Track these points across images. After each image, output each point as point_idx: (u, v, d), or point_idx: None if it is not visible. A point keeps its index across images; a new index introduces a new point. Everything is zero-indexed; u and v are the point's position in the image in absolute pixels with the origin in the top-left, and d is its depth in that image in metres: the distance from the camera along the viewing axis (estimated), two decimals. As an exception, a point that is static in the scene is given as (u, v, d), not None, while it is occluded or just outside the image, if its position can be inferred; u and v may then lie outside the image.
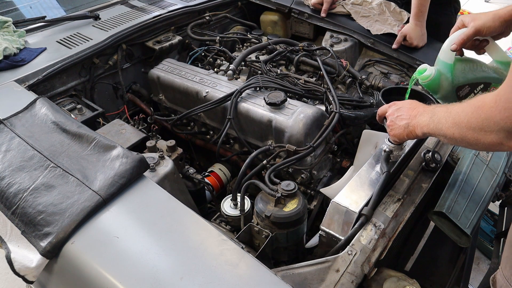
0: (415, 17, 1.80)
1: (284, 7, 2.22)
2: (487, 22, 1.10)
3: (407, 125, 1.06)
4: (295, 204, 1.15)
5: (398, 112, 1.10)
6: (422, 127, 1.00)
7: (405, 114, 1.08)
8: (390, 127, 1.13)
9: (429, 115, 0.98)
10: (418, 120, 1.02)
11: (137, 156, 1.11)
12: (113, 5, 2.16)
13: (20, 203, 1.02)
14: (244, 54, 1.81)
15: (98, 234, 0.96)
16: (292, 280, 0.93)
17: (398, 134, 1.10)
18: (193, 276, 0.86)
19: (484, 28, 1.10)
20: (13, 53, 1.63)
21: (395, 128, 1.10)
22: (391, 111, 1.14)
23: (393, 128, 1.12)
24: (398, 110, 1.11)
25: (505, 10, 1.09)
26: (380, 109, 1.20)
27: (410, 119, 1.05)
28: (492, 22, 1.09)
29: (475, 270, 2.18)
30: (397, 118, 1.10)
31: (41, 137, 1.20)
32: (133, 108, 1.95)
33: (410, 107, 1.08)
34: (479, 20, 1.11)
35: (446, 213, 1.14)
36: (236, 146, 1.72)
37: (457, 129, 0.86)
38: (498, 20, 1.09)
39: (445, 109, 0.92)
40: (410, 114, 1.06)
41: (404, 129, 1.07)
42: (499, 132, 0.76)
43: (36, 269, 0.94)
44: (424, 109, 1.03)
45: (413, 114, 1.05)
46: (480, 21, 1.10)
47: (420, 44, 1.85)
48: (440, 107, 0.97)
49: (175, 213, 1.02)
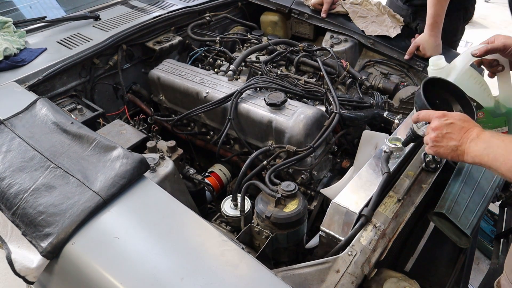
0: (430, 27, 1.75)
1: (284, 8, 2.22)
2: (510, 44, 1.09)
3: (456, 148, 0.94)
4: (295, 205, 1.15)
5: (448, 128, 0.96)
6: (474, 157, 0.91)
7: (456, 134, 0.95)
8: (434, 142, 0.98)
9: (483, 145, 0.89)
10: (470, 147, 0.91)
11: (137, 157, 1.11)
12: (114, 6, 2.17)
13: (21, 203, 1.03)
14: (244, 55, 1.81)
15: (98, 234, 0.96)
16: (292, 280, 0.93)
17: (443, 153, 0.97)
18: (193, 277, 0.87)
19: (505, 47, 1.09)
20: (14, 54, 1.63)
21: (442, 147, 0.97)
22: (439, 124, 0.97)
23: (438, 145, 0.97)
24: (449, 126, 0.96)
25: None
26: (424, 113, 1.04)
27: (461, 142, 0.93)
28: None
29: (475, 270, 2.19)
30: (446, 136, 0.96)
31: (42, 137, 1.20)
32: (133, 109, 1.95)
33: (462, 126, 0.95)
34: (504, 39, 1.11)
35: (446, 213, 1.15)
36: (236, 146, 1.72)
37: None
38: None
39: (502, 146, 0.85)
40: (462, 136, 0.94)
41: (451, 151, 0.95)
42: None
43: (36, 269, 0.95)
44: (477, 133, 0.92)
45: (465, 137, 0.93)
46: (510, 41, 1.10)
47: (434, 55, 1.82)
48: (495, 139, 0.88)
49: (175, 214, 1.02)
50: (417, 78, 1.87)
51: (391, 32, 1.93)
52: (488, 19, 2.45)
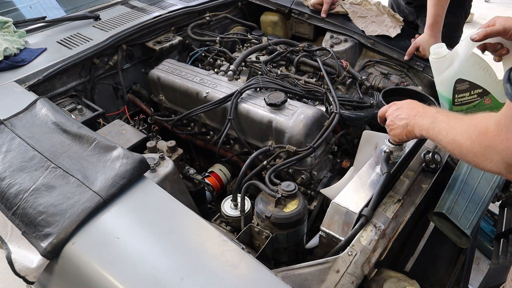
0: (430, 27, 1.74)
1: (284, 8, 2.22)
2: None
3: (406, 124, 1.06)
4: (295, 205, 1.15)
5: (398, 112, 1.10)
6: (421, 130, 0.99)
7: (404, 114, 1.07)
8: (389, 126, 1.13)
9: (430, 120, 0.97)
10: (417, 121, 1.01)
11: (137, 157, 1.11)
12: (114, 6, 2.17)
13: (21, 203, 1.03)
14: (244, 55, 1.81)
15: (98, 234, 0.96)
16: (292, 280, 0.93)
17: (398, 134, 1.10)
18: (193, 277, 0.87)
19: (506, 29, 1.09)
20: (14, 54, 1.63)
21: (395, 128, 1.10)
22: (390, 111, 1.13)
23: (392, 127, 1.12)
24: (398, 110, 1.10)
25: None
26: (381, 110, 1.19)
27: (409, 119, 1.05)
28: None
29: (475, 270, 2.19)
30: (397, 118, 1.09)
31: (42, 137, 1.20)
32: (133, 109, 1.95)
33: (409, 107, 1.07)
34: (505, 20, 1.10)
35: (446, 213, 1.15)
36: (236, 146, 1.72)
37: (457, 148, 0.85)
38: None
39: (446, 120, 0.91)
40: (410, 114, 1.05)
41: (403, 129, 1.07)
42: (498, 163, 0.74)
43: (36, 269, 0.95)
44: (424, 110, 1.02)
45: (412, 114, 1.04)
46: (510, 23, 1.09)
47: None
48: (441, 114, 0.95)
49: (175, 214, 1.02)
50: (417, 78, 1.87)
51: (391, 32, 1.93)
52: (488, 19, 2.44)
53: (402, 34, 1.95)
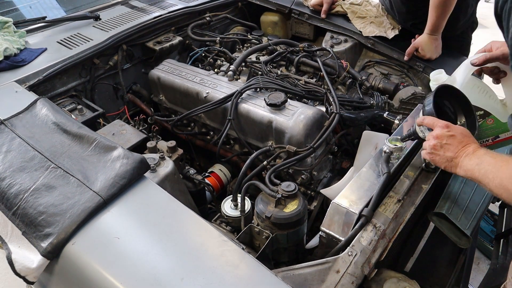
0: (429, 29, 1.74)
1: (284, 8, 2.22)
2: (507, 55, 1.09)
3: (451, 159, 0.99)
4: (296, 205, 1.15)
5: (449, 140, 1.00)
6: (466, 171, 0.96)
7: (453, 147, 0.99)
8: (432, 149, 1.03)
9: (476, 161, 0.93)
10: (464, 162, 0.96)
11: (137, 157, 1.11)
12: (114, 6, 2.17)
13: (21, 203, 1.03)
14: (244, 55, 1.81)
15: (99, 234, 0.96)
16: (292, 281, 0.93)
17: (438, 161, 1.03)
18: (193, 277, 0.87)
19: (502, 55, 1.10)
20: (14, 54, 1.64)
21: (438, 155, 1.02)
22: (440, 133, 1.02)
23: (435, 153, 1.03)
24: (449, 138, 1.00)
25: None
26: (430, 119, 1.08)
27: (457, 155, 0.98)
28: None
29: (475, 270, 2.19)
30: (444, 147, 1.00)
31: (42, 137, 1.20)
32: (134, 109, 1.95)
33: (461, 140, 0.99)
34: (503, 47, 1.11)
35: (446, 214, 1.15)
36: (236, 146, 1.72)
37: (505, 193, 0.85)
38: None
39: (493, 163, 0.89)
40: (459, 150, 0.98)
41: (446, 161, 1.00)
42: None
43: (37, 269, 0.95)
44: (473, 150, 0.96)
45: (462, 150, 0.98)
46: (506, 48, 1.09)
47: (434, 57, 1.80)
48: (488, 156, 0.92)
49: (175, 214, 1.02)
50: (417, 79, 1.87)
51: (389, 33, 1.93)
52: (488, 19, 2.44)
53: (402, 34, 1.95)
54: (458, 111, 1.20)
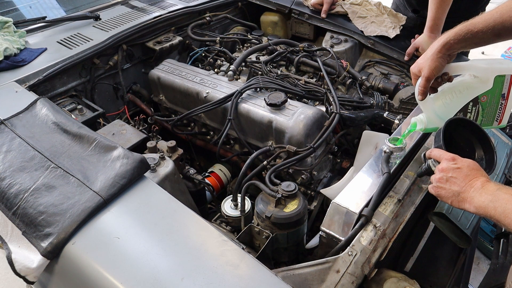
0: (429, 29, 1.73)
1: (284, 8, 2.22)
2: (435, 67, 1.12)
3: (458, 193, 0.94)
4: (296, 205, 1.15)
5: (454, 173, 0.96)
6: (477, 208, 0.89)
7: (460, 180, 0.94)
8: (438, 183, 0.99)
9: (489, 198, 0.87)
10: (474, 196, 0.91)
11: (137, 157, 1.11)
12: (114, 6, 2.17)
13: (21, 203, 1.03)
14: (244, 55, 1.81)
15: (99, 234, 0.96)
16: (292, 280, 0.93)
17: (443, 196, 0.97)
18: (193, 277, 0.87)
19: (433, 73, 1.12)
20: (14, 54, 1.64)
21: (444, 188, 0.97)
22: (446, 167, 0.98)
23: (441, 187, 0.98)
24: (455, 171, 0.96)
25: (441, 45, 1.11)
26: (436, 152, 1.05)
27: (464, 189, 0.93)
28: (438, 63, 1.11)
29: (475, 270, 2.19)
30: (450, 180, 0.96)
31: (42, 137, 1.20)
32: (134, 109, 1.95)
33: (468, 174, 0.94)
34: (426, 68, 1.12)
35: (446, 214, 1.15)
36: (236, 146, 1.72)
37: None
38: (442, 59, 1.11)
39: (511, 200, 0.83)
40: (466, 183, 0.93)
41: (452, 196, 0.95)
42: None
43: (37, 269, 0.95)
44: (482, 184, 0.91)
45: (469, 185, 0.93)
46: (427, 70, 1.12)
47: None
48: (502, 192, 0.86)
49: (175, 214, 1.02)
50: (417, 78, 1.87)
51: (390, 33, 1.93)
52: (488, 19, 2.46)
53: (402, 34, 1.95)
54: (475, 143, 1.16)
